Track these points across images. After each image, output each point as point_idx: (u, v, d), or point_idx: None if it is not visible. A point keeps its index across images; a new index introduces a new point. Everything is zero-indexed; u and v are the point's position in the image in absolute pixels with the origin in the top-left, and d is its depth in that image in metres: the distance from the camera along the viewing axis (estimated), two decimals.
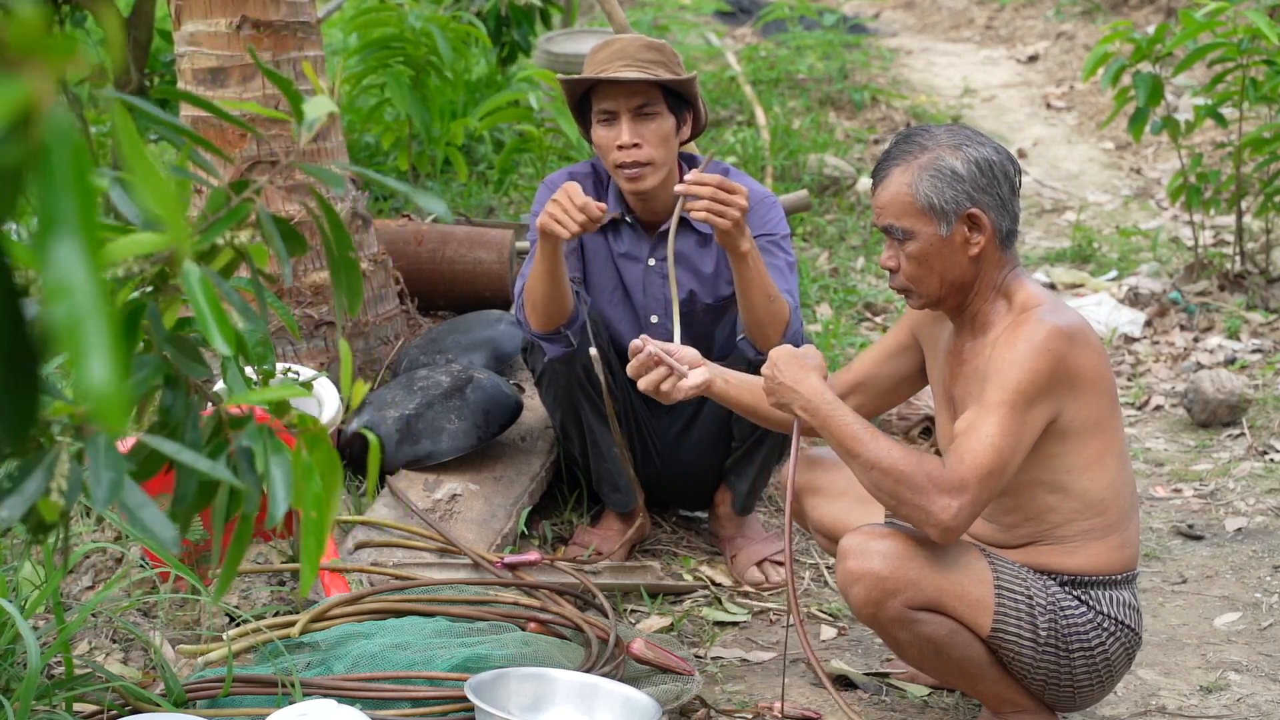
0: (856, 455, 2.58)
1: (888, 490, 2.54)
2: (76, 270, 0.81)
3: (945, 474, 2.51)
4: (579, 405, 3.47)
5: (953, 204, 2.63)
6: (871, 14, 10.49)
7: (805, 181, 6.37)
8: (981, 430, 2.53)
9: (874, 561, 2.62)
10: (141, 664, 2.85)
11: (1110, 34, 5.13)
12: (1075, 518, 2.69)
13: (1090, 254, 6.05)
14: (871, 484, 2.57)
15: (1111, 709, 2.97)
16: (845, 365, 3.10)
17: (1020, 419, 2.54)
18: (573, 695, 2.67)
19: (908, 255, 2.68)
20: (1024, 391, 2.54)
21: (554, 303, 3.29)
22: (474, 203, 5.61)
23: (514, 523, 3.51)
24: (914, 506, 2.52)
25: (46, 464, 1.11)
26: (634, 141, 3.32)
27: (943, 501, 2.50)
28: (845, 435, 2.60)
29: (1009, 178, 2.68)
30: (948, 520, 2.51)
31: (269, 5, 3.79)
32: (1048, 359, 2.56)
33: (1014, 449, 2.54)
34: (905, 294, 2.74)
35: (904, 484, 2.52)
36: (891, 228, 2.68)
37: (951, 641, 2.66)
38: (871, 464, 2.55)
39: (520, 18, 5.76)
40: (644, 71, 3.31)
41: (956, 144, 2.66)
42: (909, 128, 2.78)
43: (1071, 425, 2.62)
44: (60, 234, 0.81)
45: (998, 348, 2.61)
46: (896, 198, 2.66)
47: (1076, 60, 8.68)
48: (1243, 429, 4.45)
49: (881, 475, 2.54)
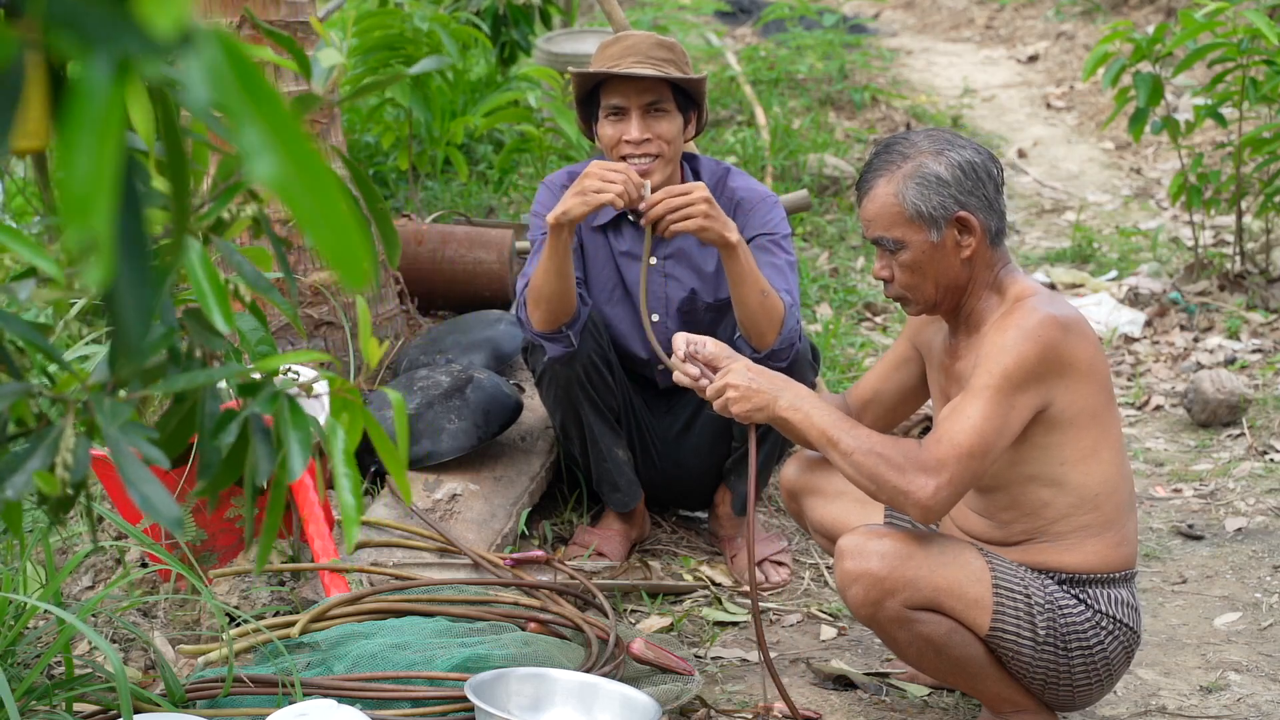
0: (836, 443, 2.60)
1: (867, 473, 2.57)
2: (277, 153, 0.81)
3: (923, 453, 2.54)
4: (579, 405, 3.47)
5: (940, 209, 2.64)
6: (871, 14, 10.49)
7: (805, 181, 6.37)
8: (964, 412, 2.55)
9: (872, 562, 2.62)
10: (141, 664, 2.86)
11: (1110, 34, 5.13)
12: (1071, 513, 2.69)
13: (1090, 254, 6.05)
14: (853, 470, 2.59)
15: (1111, 709, 2.97)
16: (852, 385, 3.10)
17: (1006, 403, 2.55)
18: (572, 695, 2.67)
19: (901, 265, 2.69)
20: (1010, 376, 2.55)
21: (560, 300, 3.28)
22: (474, 203, 5.62)
23: (514, 523, 3.51)
24: (893, 488, 2.55)
25: (50, 440, 1.12)
26: (644, 137, 3.32)
27: (920, 480, 2.52)
28: (826, 425, 2.62)
29: (992, 176, 2.69)
30: (926, 499, 2.52)
31: (269, 5, 3.79)
32: (1038, 345, 2.56)
33: (997, 432, 2.55)
34: (901, 302, 2.75)
35: (882, 464, 2.55)
36: (882, 239, 2.69)
37: (950, 641, 2.66)
38: (851, 449, 2.58)
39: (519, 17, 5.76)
40: (657, 69, 3.31)
41: (938, 149, 2.66)
42: (888, 137, 2.78)
43: (1064, 415, 2.62)
44: (250, 126, 0.82)
45: (989, 335, 2.63)
46: (884, 209, 2.67)
47: (1076, 60, 8.68)
48: (1243, 429, 4.45)
49: (861, 458, 2.57)
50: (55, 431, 1.12)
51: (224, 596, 3.07)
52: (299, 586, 3.11)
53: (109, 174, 0.80)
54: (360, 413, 1.29)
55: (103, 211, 0.80)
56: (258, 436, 1.25)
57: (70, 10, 0.81)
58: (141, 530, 2.88)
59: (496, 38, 5.80)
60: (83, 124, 0.80)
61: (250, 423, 1.24)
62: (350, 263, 0.83)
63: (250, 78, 0.83)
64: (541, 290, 3.28)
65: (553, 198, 3.44)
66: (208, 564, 3.16)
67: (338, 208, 0.82)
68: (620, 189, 3.10)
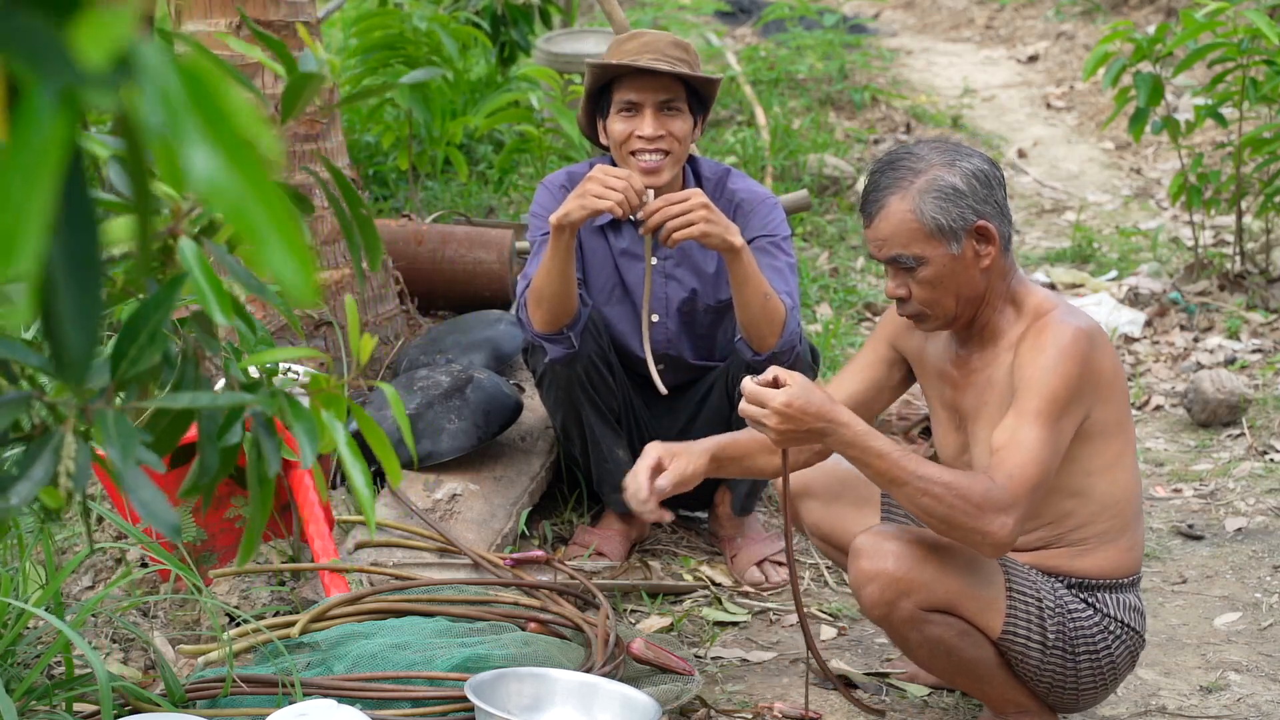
0: (904, 483, 2.49)
1: (940, 515, 2.47)
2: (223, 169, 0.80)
3: (999, 494, 2.47)
4: (580, 406, 3.47)
5: (960, 221, 2.59)
6: (871, 14, 10.49)
7: (805, 181, 6.37)
8: (1024, 444, 2.50)
9: (888, 562, 2.61)
10: (141, 664, 2.86)
11: (1110, 34, 5.13)
12: (1091, 521, 2.68)
13: (1090, 254, 6.05)
14: (922, 509, 2.49)
15: (1111, 709, 2.97)
16: (826, 384, 2.99)
17: (1057, 426, 2.52)
18: (572, 695, 2.67)
19: (920, 281, 2.62)
20: (1059, 398, 2.52)
21: (561, 301, 3.28)
22: (474, 203, 5.61)
23: (514, 523, 3.51)
24: (970, 529, 2.47)
25: (52, 446, 1.11)
26: (658, 134, 3.31)
27: (999, 520, 2.46)
28: (890, 463, 2.50)
29: (1001, 183, 2.66)
30: (1005, 538, 2.47)
31: (269, 5, 3.79)
32: (1077, 362, 2.54)
33: (1054, 457, 2.53)
34: (918, 319, 2.68)
35: (959, 506, 2.46)
36: (900, 257, 2.61)
37: (962, 643, 2.65)
38: (923, 490, 2.48)
39: (518, 17, 5.75)
40: (674, 68, 3.30)
41: (949, 160, 2.61)
42: (888, 154, 2.70)
43: (1095, 427, 2.61)
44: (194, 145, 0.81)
45: (1022, 354, 2.58)
46: (901, 226, 2.60)
47: (1076, 60, 8.68)
48: (1243, 429, 4.45)
49: (934, 501, 2.47)
50: (56, 438, 1.11)
51: (224, 596, 3.07)
52: (299, 586, 3.11)
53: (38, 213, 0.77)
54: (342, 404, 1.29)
55: (28, 251, 0.77)
56: (263, 434, 1.25)
57: (15, 34, 0.78)
58: (141, 530, 2.88)
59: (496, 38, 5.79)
60: (18, 158, 0.78)
61: (255, 421, 1.24)
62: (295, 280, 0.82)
63: (205, 96, 0.81)
64: (543, 292, 3.27)
65: (551, 198, 3.44)
66: (208, 564, 3.16)
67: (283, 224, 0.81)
68: (620, 197, 3.09)
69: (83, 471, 1.11)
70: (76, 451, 1.11)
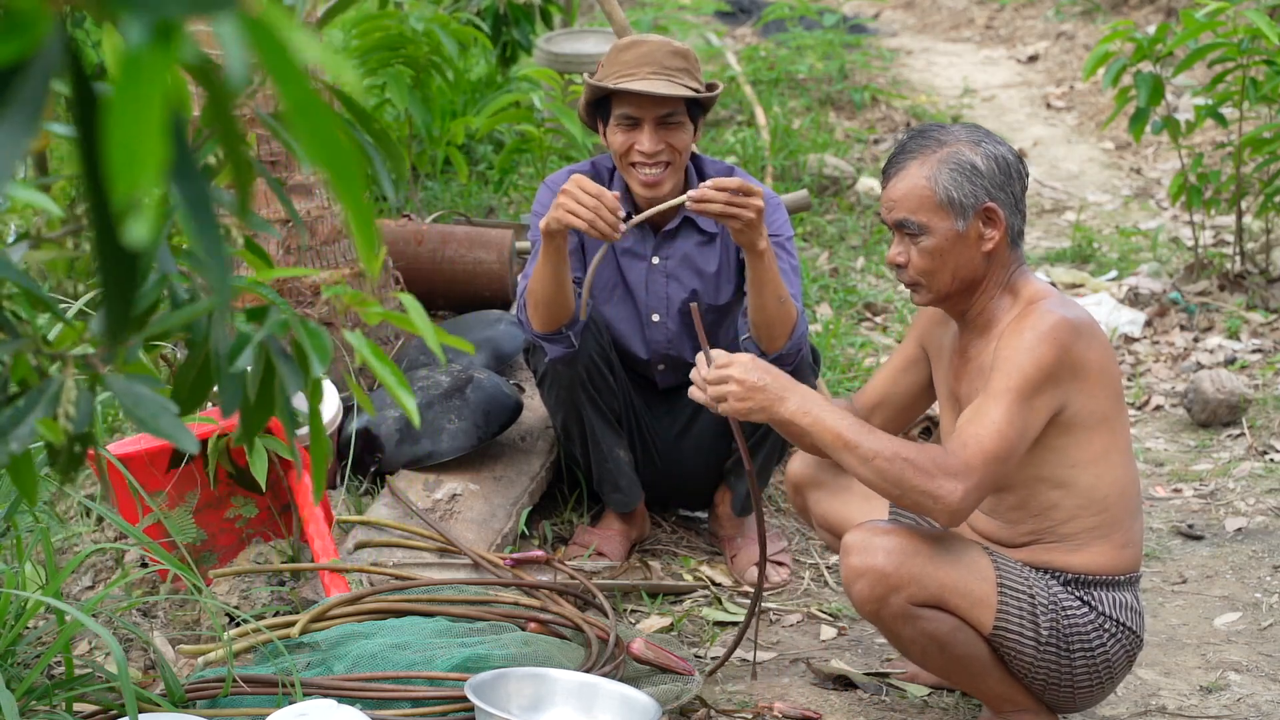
0: (855, 447, 2.54)
1: (891, 478, 2.51)
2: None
3: (949, 458, 2.51)
4: (581, 406, 3.47)
5: (971, 198, 2.63)
6: (871, 14, 10.49)
7: (805, 181, 6.37)
8: (988, 416, 2.53)
9: (878, 557, 2.61)
10: (141, 664, 2.86)
11: (1111, 34, 5.13)
12: (1078, 514, 2.69)
13: (1090, 254, 6.05)
14: (874, 474, 2.53)
15: (1111, 709, 2.97)
16: (860, 389, 3.05)
17: (1026, 406, 2.54)
18: (572, 695, 2.67)
19: (920, 250, 2.66)
20: (1030, 379, 2.54)
21: (556, 303, 3.28)
22: (474, 203, 5.61)
23: (514, 523, 3.51)
24: (921, 492, 2.50)
25: (50, 395, 1.12)
26: (658, 149, 3.31)
27: (949, 485, 2.49)
28: (841, 428, 2.56)
29: (1022, 177, 2.70)
30: (955, 503, 2.50)
31: None
32: (1054, 348, 2.56)
33: (1019, 435, 2.54)
34: (913, 288, 2.73)
35: (908, 469, 2.50)
36: (906, 222, 2.66)
37: (954, 639, 2.65)
38: (874, 454, 2.53)
39: (519, 16, 5.75)
40: (672, 80, 3.30)
41: (976, 140, 2.67)
42: (922, 124, 2.76)
43: (1076, 418, 2.62)
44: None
45: (1004, 337, 2.62)
46: (913, 191, 2.65)
47: (1076, 60, 8.68)
48: (1243, 429, 4.45)
49: (886, 464, 2.51)
50: (55, 384, 1.12)
51: (224, 596, 3.07)
52: (299, 586, 3.11)
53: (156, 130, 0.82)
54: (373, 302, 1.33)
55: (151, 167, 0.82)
56: (279, 359, 1.25)
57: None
58: (141, 530, 2.88)
59: (497, 38, 5.79)
60: (126, 86, 0.82)
61: (268, 346, 1.25)
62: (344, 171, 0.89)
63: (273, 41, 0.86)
64: (538, 294, 3.28)
65: (553, 197, 3.43)
66: (208, 564, 3.16)
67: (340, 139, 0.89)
68: (591, 216, 3.04)
69: (84, 414, 1.12)
70: (77, 396, 1.12)
